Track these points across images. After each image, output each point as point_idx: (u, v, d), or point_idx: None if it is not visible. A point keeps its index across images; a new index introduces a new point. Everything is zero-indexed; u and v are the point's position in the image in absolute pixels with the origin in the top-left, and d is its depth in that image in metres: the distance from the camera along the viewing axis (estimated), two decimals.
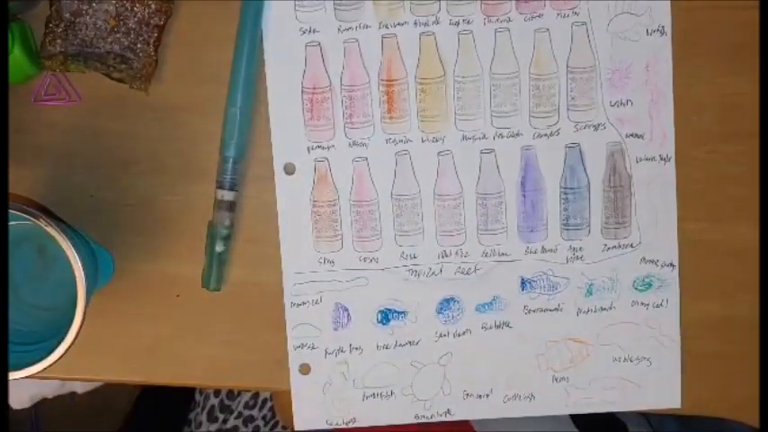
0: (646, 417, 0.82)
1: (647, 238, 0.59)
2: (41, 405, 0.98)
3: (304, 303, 0.59)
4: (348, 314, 0.59)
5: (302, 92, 0.57)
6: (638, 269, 0.59)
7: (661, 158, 0.58)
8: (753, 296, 0.59)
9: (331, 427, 0.60)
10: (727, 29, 0.57)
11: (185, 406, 0.98)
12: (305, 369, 0.59)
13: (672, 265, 0.59)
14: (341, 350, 0.59)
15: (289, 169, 0.58)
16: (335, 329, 0.59)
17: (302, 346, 0.59)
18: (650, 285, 0.59)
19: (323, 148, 0.58)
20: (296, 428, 0.60)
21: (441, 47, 0.57)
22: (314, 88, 0.57)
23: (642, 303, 0.59)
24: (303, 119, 0.57)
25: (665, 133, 0.58)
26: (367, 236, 0.59)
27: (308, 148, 0.58)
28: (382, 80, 0.57)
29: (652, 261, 0.59)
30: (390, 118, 0.58)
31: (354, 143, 0.58)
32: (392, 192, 0.58)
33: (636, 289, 0.59)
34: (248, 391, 0.93)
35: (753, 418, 0.59)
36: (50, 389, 0.97)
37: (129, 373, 0.60)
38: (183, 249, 0.59)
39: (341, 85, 0.57)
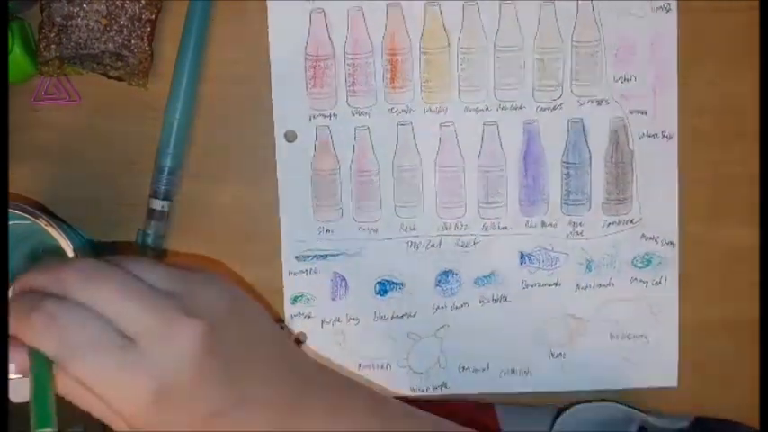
0: None
1: (648, 215, 0.59)
2: None
3: (302, 272, 0.59)
4: (346, 284, 0.59)
5: (305, 59, 0.57)
6: (638, 246, 0.59)
7: (664, 135, 0.58)
8: (753, 296, 0.58)
9: None
10: (727, 30, 0.57)
11: None
12: (301, 338, 0.59)
13: (671, 243, 0.59)
14: (338, 320, 0.59)
15: (290, 137, 0.58)
16: (333, 299, 0.59)
17: (299, 314, 0.59)
18: (650, 262, 0.59)
19: (325, 116, 0.58)
20: None
21: (446, 17, 0.57)
22: (317, 56, 0.57)
23: (641, 280, 0.59)
24: (306, 86, 0.57)
25: (668, 110, 0.58)
26: (367, 206, 0.58)
27: (310, 116, 0.58)
28: (386, 49, 0.57)
29: (652, 238, 0.59)
30: (393, 88, 0.57)
31: (357, 112, 0.58)
32: (393, 162, 0.58)
33: (635, 266, 0.59)
34: None
35: (753, 419, 0.59)
36: None
37: None
38: (183, 249, 0.59)
39: (344, 53, 0.57)
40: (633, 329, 0.59)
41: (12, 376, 0.50)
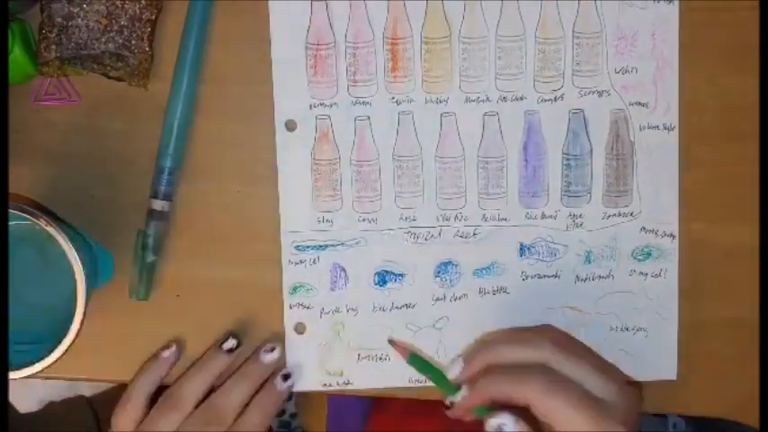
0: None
1: (648, 207, 0.58)
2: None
3: (301, 262, 0.58)
4: (345, 275, 0.59)
5: (306, 48, 0.57)
6: (637, 238, 0.59)
7: (664, 127, 0.58)
8: (753, 296, 0.58)
9: (326, 389, 0.60)
10: (727, 29, 0.57)
11: None
12: (300, 328, 0.59)
13: (672, 235, 0.59)
14: (337, 310, 0.59)
15: (290, 126, 0.58)
16: (332, 290, 0.59)
17: (298, 305, 0.59)
18: (649, 255, 0.59)
19: (325, 105, 0.57)
20: None
21: (447, 6, 0.57)
22: (318, 44, 0.57)
23: (641, 273, 0.59)
24: (306, 75, 0.57)
25: (669, 102, 0.58)
26: (367, 196, 0.58)
27: (311, 105, 0.57)
28: (387, 38, 0.57)
29: (652, 231, 0.59)
30: (394, 77, 0.57)
31: (357, 101, 0.57)
32: (394, 152, 0.58)
33: (635, 258, 0.59)
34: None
35: (753, 419, 0.59)
36: (58, 391, 0.95)
37: (129, 374, 0.59)
38: (183, 249, 0.58)
39: (345, 41, 0.57)
40: (632, 322, 0.59)
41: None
